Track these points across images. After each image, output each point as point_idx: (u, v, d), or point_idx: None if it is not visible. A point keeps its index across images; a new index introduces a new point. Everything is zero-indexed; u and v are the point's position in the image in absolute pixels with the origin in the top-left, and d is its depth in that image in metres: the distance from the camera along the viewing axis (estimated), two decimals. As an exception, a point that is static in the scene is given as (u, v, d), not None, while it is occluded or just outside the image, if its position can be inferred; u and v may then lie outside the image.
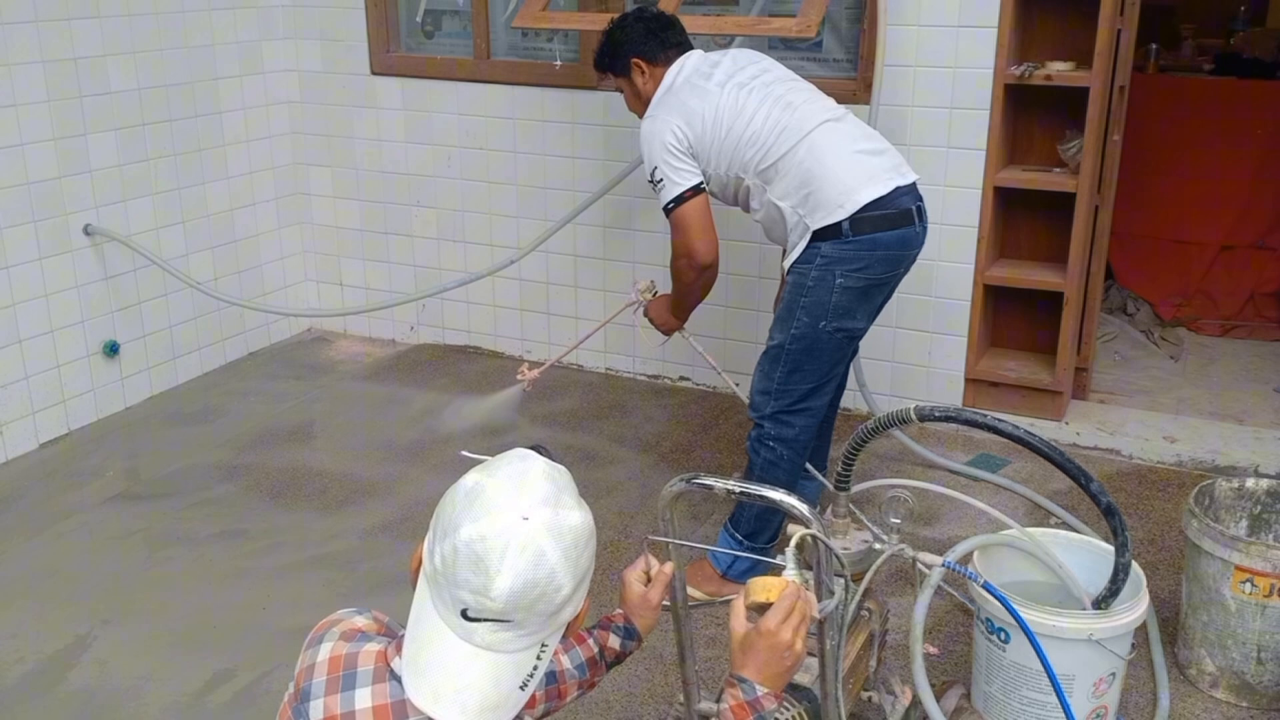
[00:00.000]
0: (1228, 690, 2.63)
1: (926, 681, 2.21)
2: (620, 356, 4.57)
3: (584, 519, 1.38)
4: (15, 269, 3.79)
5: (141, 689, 2.68)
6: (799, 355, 2.85)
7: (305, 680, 1.42)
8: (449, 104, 4.54)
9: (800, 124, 2.81)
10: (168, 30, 4.21)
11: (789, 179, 2.80)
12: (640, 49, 2.98)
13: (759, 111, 2.83)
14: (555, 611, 1.34)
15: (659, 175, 2.85)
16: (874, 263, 2.79)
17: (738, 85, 2.87)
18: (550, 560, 1.31)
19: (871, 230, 2.76)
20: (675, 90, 2.92)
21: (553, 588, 1.32)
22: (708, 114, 2.83)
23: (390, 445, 3.94)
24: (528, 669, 1.35)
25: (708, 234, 2.88)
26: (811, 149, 2.79)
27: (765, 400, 2.90)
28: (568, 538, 1.34)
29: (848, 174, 2.77)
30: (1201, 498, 2.70)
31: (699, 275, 2.94)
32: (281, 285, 4.93)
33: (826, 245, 2.78)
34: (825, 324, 2.81)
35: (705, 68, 2.93)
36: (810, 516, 1.67)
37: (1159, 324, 4.97)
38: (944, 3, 3.67)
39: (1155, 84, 5.11)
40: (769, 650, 1.54)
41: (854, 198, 2.75)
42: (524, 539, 1.31)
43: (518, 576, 1.30)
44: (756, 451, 2.94)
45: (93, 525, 3.42)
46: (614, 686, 2.65)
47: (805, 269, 2.81)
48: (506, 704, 1.35)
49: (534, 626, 1.33)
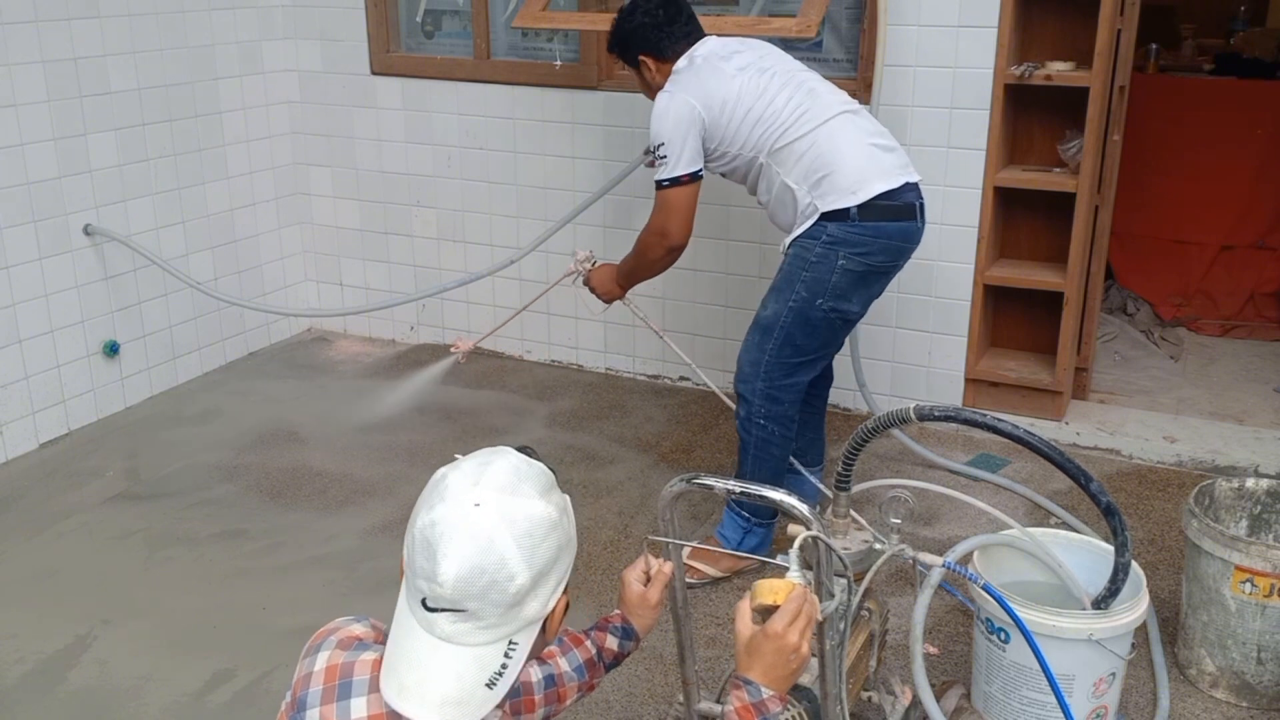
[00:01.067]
0: (1228, 690, 2.63)
1: (926, 681, 2.21)
2: (620, 356, 4.57)
3: (544, 510, 1.35)
4: (15, 269, 3.79)
5: (141, 689, 2.68)
6: (792, 327, 2.89)
7: (302, 690, 1.41)
8: (449, 104, 4.54)
9: (821, 110, 2.88)
10: (168, 30, 4.22)
11: (804, 162, 2.85)
12: (647, 45, 3.01)
13: (780, 94, 2.88)
14: (514, 604, 1.31)
15: (664, 151, 2.89)
16: (876, 250, 2.85)
17: (759, 70, 2.92)
18: (500, 547, 1.30)
19: (878, 218, 2.83)
20: (695, 69, 2.94)
21: (504, 575, 1.30)
22: (729, 96, 2.87)
23: (390, 445, 3.94)
24: (494, 666, 1.33)
25: (688, 221, 2.98)
26: (830, 135, 2.85)
27: (755, 371, 2.94)
28: (521, 525, 1.32)
29: (863, 164, 2.84)
30: (1201, 498, 2.70)
31: (665, 255, 3.03)
32: (281, 285, 4.93)
33: (833, 226, 2.83)
34: (822, 301, 2.86)
35: (724, 51, 2.96)
36: (811, 517, 1.67)
37: (1159, 324, 4.97)
38: (944, 3, 3.67)
39: (1155, 84, 5.11)
40: (775, 653, 1.54)
41: (867, 187, 2.82)
42: (473, 525, 1.31)
43: (464, 561, 1.29)
44: (748, 430, 2.98)
45: (93, 525, 3.42)
46: (614, 687, 2.65)
47: (810, 244, 2.86)
48: (471, 701, 1.32)
49: (493, 619, 1.31)
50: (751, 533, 3.09)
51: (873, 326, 4.01)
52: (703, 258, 4.24)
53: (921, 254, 3.89)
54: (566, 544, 1.39)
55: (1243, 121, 4.87)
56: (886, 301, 3.99)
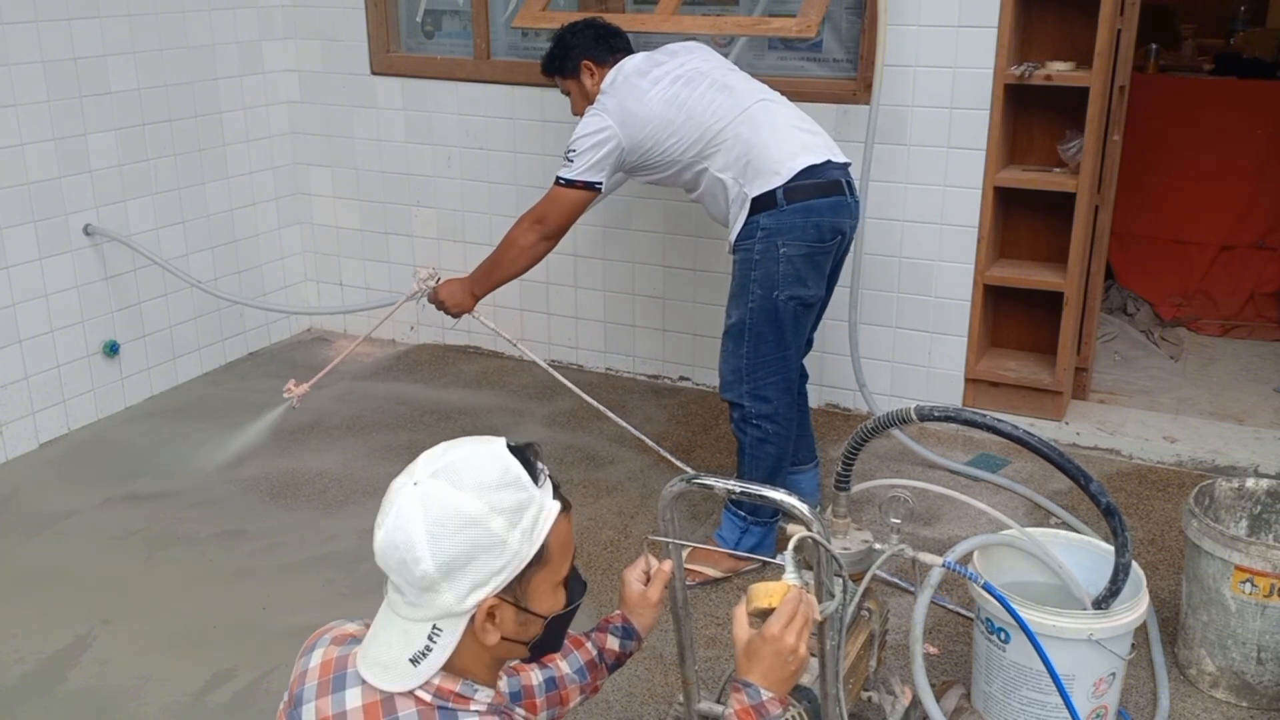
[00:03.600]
0: (1228, 690, 2.63)
1: (926, 681, 2.21)
2: (620, 356, 4.57)
3: (466, 504, 1.34)
4: (15, 269, 3.79)
5: (141, 689, 2.68)
6: (760, 326, 2.94)
7: (298, 686, 1.45)
8: (449, 104, 4.54)
9: (737, 102, 2.98)
10: (168, 30, 4.22)
11: (729, 151, 2.94)
12: (591, 52, 3.13)
13: (699, 101, 2.98)
14: (425, 588, 1.35)
15: (573, 154, 3.01)
16: (810, 229, 2.89)
17: (673, 79, 3.02)
18: (411, 528, 1.34)
19: (804, 198, 2.88)
20: (615, 90, 3.03)
21: (411, 557, 1.34)
22: (647, 115, 2.98)
23: (390, 445, 3.94)
24: (419, 645, 1.37)
25: (568, 221, 3.11)
26: (749, 121, 2.95)
27: (737, 378, 3.00)
28: (434, 512, 1.34)
29: (784, 143, 2.92)
30: (1201, 498, 2.70)
31: (536, 243, 3.14)
32: (281, 285, 4.93)
33: (764, 217, 2.90)
34: (779, 293, 2.92)
35: (646, 66, 3.06)
36: (810, 517, 1.67)
37: (1159, 324, 4.97)
38: (944, 3, 3.67)
39: (1155, 84, 5.12)
40: (774, 656, 1.54)
41: (789, 164, 2.88)
42: (402, 500, 1.36)
43: (385, 533, 1.36)
44: (743, 431, 3.03)
45: (93, 525, 3.42)
46: (614, 687, 2.65)
47: (749, 244, 2.93)
48: (394, 668, 1.37)
49: (412, 596, 1.37)
50: (749, 532, 3.09)
51: (873, 326, 4.01)
52: (702, 258, 4.24)
53: (921, 254, 3.93)
54: (488, 545, 1.34)
55: (1243, 121, 4.87)
56: (886, 301, 4.00)
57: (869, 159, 3.73)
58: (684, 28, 3.68)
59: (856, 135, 3.77)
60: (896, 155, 3.84)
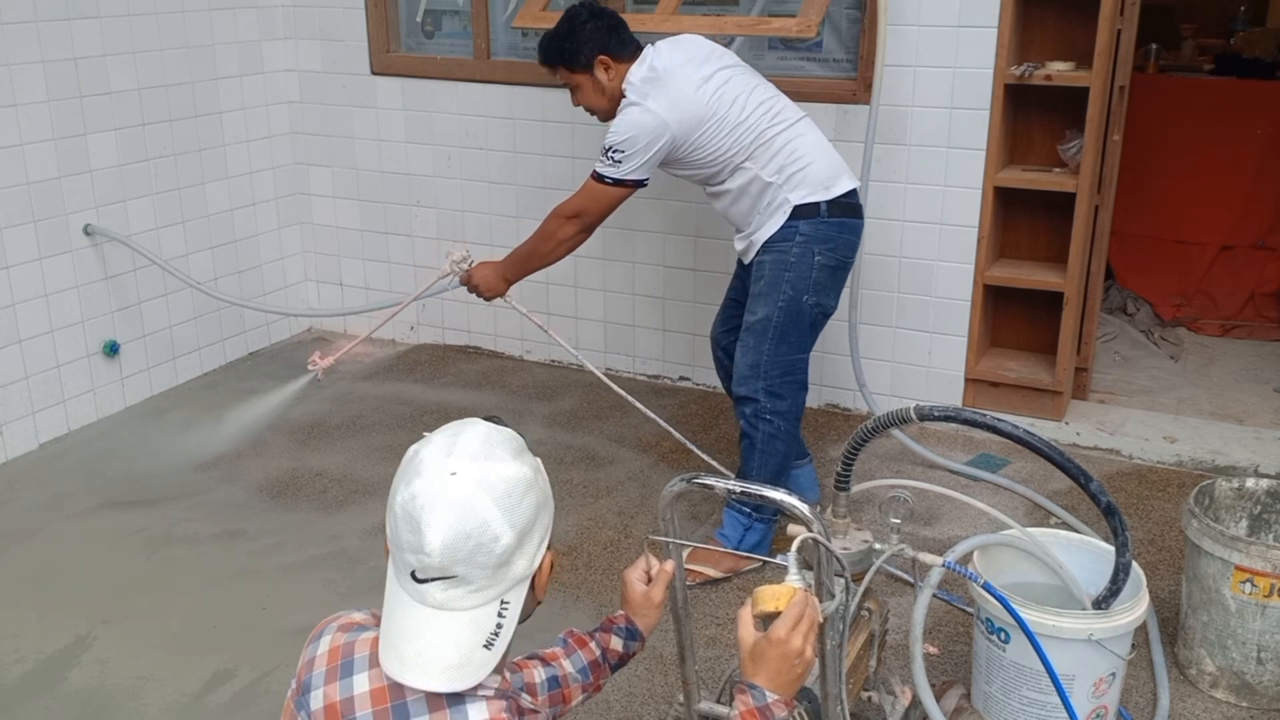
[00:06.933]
0: (1228, 690, 2.63)
1: (926, 681, 2.21)
2: (620, 356, 4.57)
3: (519, 470, 1.39)
4: (15, 269, 3.79)
5: (141, 689, 2.68)
6: (784, 325, 3.01)
7: (306, 674, 1.46)
8: (449, 104, 4.54)
9: (791, 111, 3.07)
10: (168, 30, 4.21)
11: (780, 155, 2.99)
12: (606, 45, 3.05)
13: (751, 97, 3.01)
14: (501, 564, 1.35)
15: (620, 154, 2.96)
16: (842, 244, 3.04)
17: (726, 77, 3.02)
18: (481, 510, 1.34)
19: (842, 215, 3.03)
20: (660, 81, 2.98)
21: (488, 538, 1.34)
22: (703, 112, 2.96)
23: (390, 445, 3.94)
24: (489, 627, 1.37)
25: (605, 217, 3.09)
26: (803, 134, 3.04)
27: (755, 373, 3.04)
28: (499, 488, 1.36)
29: (833, 163, 3.06)
30: (1201, 498, 2.70)
31: (574, 236, 3.10)
32: (281, 285, 4.93)
33: (804, 224, 2.99)
34: (807, 298, 3.01)
35: (685, 58, 3.02)
36: (811, 517, 1.67)
37: (1159, 324, 4.97)
38: (944, 3, 3.67)
39: (1155, 84, 5.11)
40: (780, 659, 1.55)
41: (837, 184, 3.02)
42: (453, 493, 1.35)
43: (449, 529, 1.33)
44: (755, 426, 3.05)
45: (93, 525, 3.42)
46: (614, 687, 2.65)
47: (786, 246, 3.00)
48: (470, 663, 1.36)
49: (482, 581, 1.35)
50: (752, 529, 3.11)
51: (873, 326, 4.01)
52: (703, 257, 4.24)
53: (921, 254, 3.93)
54: (544, 501, 1.43)
55: (1243, 122, 4.87)
56: (886, 301, 4.00)
57: (869, 159, 3.73)
58: (684, 28, 3.67)
59: (856, 135, 3.78)
60: (896, 155, 3.84)
